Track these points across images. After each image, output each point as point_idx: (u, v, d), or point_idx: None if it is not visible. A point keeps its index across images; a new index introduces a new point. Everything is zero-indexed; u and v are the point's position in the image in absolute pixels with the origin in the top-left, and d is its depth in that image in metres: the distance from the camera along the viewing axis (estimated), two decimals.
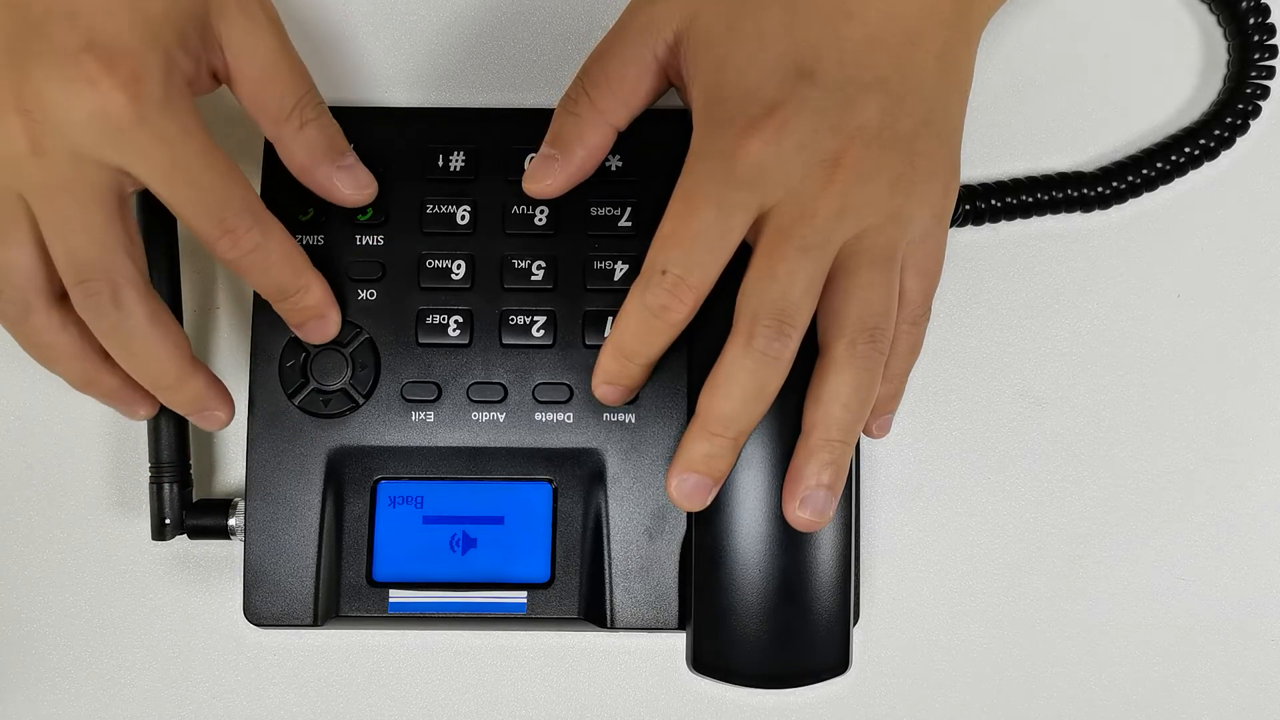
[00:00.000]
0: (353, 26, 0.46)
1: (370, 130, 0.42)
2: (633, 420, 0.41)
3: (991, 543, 0.44)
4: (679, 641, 0.41)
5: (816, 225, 0.35)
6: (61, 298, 0.37)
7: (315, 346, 0.41)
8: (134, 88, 0.34)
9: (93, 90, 0.34)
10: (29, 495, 0.44)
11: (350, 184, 0.39)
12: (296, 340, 0.41)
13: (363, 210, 0.41)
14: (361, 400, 0.41)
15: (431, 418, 0.41)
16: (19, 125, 0.34)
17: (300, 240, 0.41)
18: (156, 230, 0.42)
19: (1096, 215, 0.45)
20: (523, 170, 0.41)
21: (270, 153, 0.41)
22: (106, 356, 0.38)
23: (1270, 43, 0.44)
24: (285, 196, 0.41)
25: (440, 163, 0.42)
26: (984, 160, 0.45)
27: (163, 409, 0.41)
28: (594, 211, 0.42)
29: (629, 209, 0.42)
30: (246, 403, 0.41)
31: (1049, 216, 0.45)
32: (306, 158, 0.39)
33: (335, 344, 0.41)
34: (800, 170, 0.35)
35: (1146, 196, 0.45)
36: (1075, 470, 0.45)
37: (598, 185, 0.41)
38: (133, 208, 0.38)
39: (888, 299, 0.37)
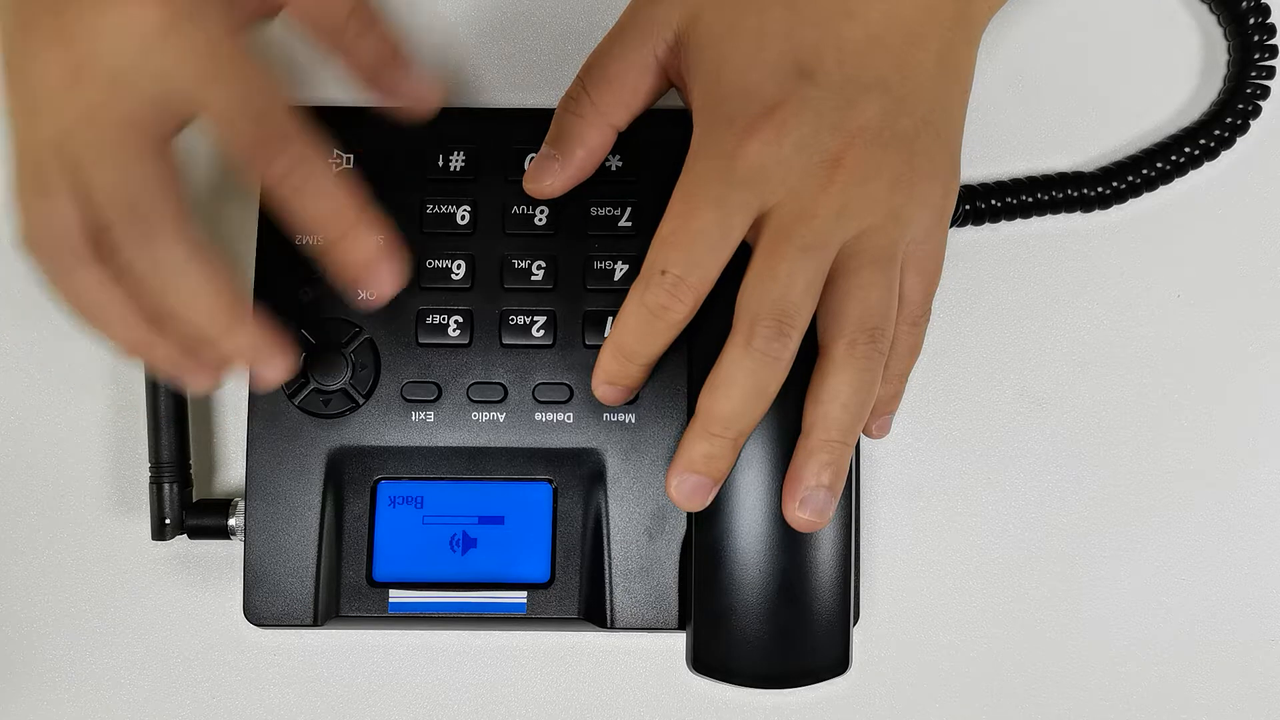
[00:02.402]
0: None
1: (371, 130, 0.42)
2: (633, 420, 0.41)
3: (991, 543, 0.44)
4: (679, 641, 0.41)
5: (816, 225, 0.35)
6: (106, 254, 0.34)
7: (314, 346, 0.41)
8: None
9: (124, 5, 0.33)
10: (29, 495, 0.44)
11: (410, 79, 0.39)
12: (296, 341, 0.41)
13: None
14: (361, 400, 0.41)
15: (431, 418, 0.41)
16: (59, 57, 0.33)
17: (301, 240, 0.41)
18: None
19: (1096, 215, 0.45)
20: (523, 170, 0.41)
21: None
22: (158, 321, 0.35)
23: (1270, 43, 0.44)
24: None
25: (440, 163, 0.42)
26: (984, 160, 0.45)
27: (166, 410, 0.41)
28: (594, 211, 0.42)
29: (629, 209, 0.42)
30: (246, 403, 0.41)
31: (1049, 216, 0.45)
32: (369, 61, 0.38)
33: (335, 344, 0.41)
34: (800, 170, 0.35)
35: (1146, 196, 0.45)
36: (1075, 470, 0.45)
37: (598, 185, 0.41)
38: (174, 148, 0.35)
39: (888, 299, 0.37)
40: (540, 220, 0.42)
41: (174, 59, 0.33)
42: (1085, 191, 0.44)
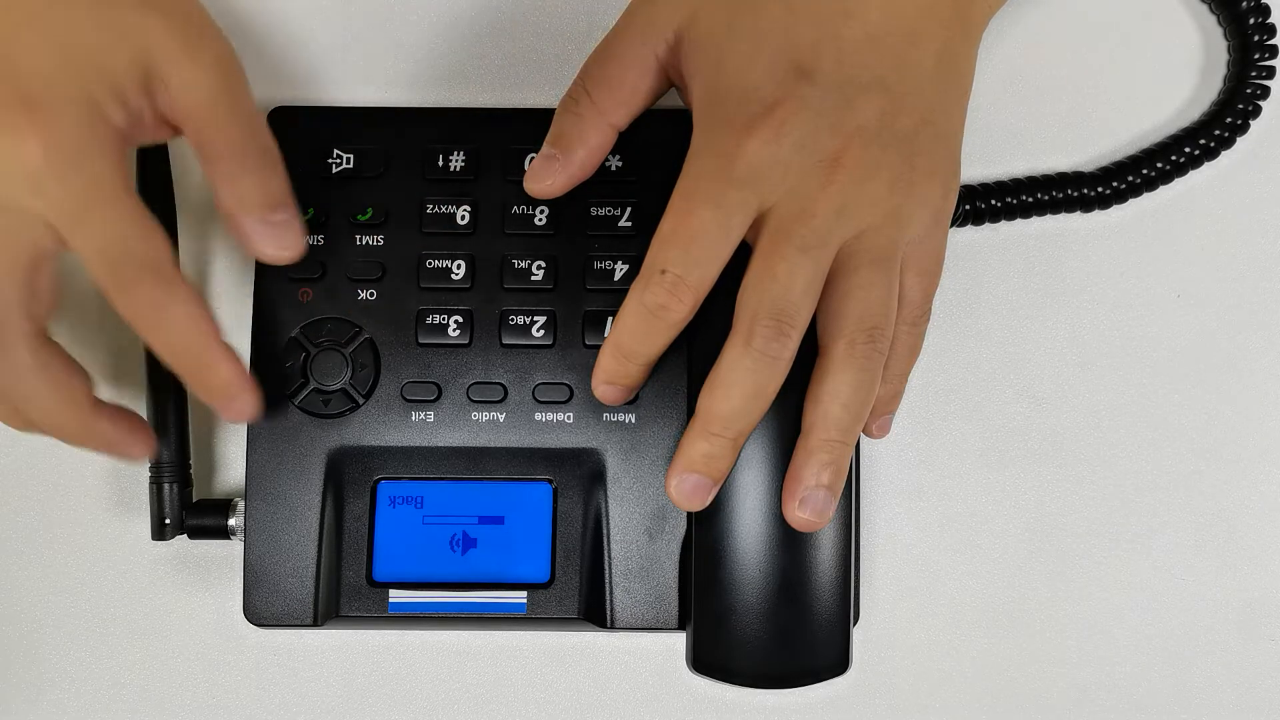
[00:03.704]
0: (354, 27, 0.46)
1: (370, 130, 0.42)
2: (633, 420, 0.41)
3: (991, 543, 0.44)
4: (679, 641, 0.41)
5: (816, 225, 0.35)
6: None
7: (315, 346, 0.41)
8: (49, 137, 0.34)
9: (13, 137, 0.34)
10: (29, 495, 0.44)
11: (269, 241, 0.37)
12: (296, 340, 0.41)
13: (363, 210, 0.41)
14: (361, 400, 0.41)
15: (431, 418, 0.41)
16: None
17: None
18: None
19: (1096, 215, 0.45)
20: (523, 170, 0.41)
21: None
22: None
23: (1270, 43, 0.44)
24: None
25: (440, 163, 0.42)
26: (984, 160, 0.45)
27: (166, 410, 0.41)
28: (594, 211, 0.42)
29: (629, 209, 0.42)
30: None
31: (1049, 216, 0.45)
32: (230, 204, 0.37)
33: (335, 344, 0.41)
34: (799, 170, 0.35)
35: (1146, 196, 0.45)
36: (1075, 470, 0.45)
37: (598, 185, 0.41)
38: (55, 263, 0.36)
39: (887, 299, 0.37)
40: (540, 220, 0.42)
41: (48, 200, 0.34)
42: (1085, 191, 0.44)
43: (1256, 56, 0.44)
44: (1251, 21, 0.44)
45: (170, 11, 0.36)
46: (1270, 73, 0.44)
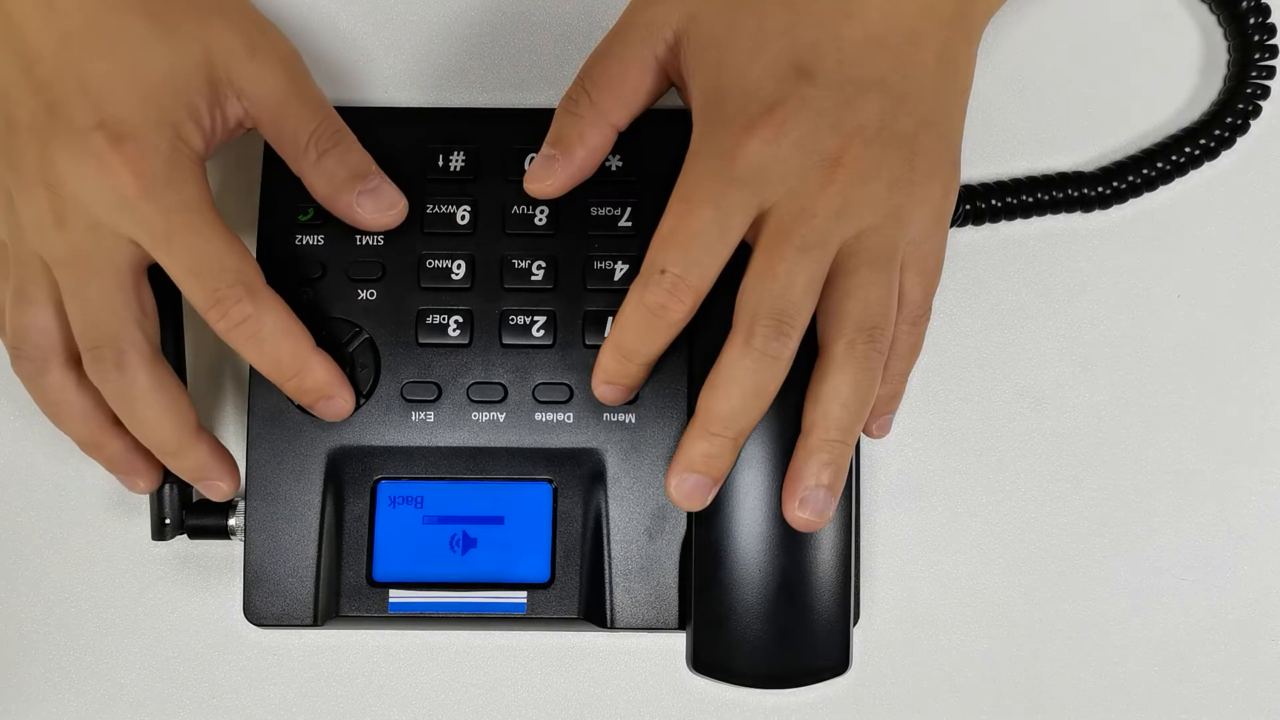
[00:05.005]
0: (353, 26, 0.46)
1: (370, 130, 0.42)
2: (633, 420, 0.41)
3: (991, 543, 0.44)
4: (679, 641, 0.41)
5: (816, 224, 0.35)
6: (77, 360, 0.38)
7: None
8: (139, 164, 0.36)
9: (102, 166, 0.36)
10: (29, 495, 0.44)
11: (371, 208, 0.39)
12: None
13: None
14: (361, 400, 0.41)
15: (431, 418, 0.41)
16: (44, 198, 0.36)
17: (300, 240, 0.41)
18: None
19: (1096, 215, 0.45)
20: (523, 170, 0.41)
21: (270, 151, 0.41)
22: (115, 422, 0.39)
23: (1270, 43, 0.44)
24: (284, 197, 0.41)
25: (440, 163, 0.42)
26: (984, 160, 0.45)
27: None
28: (594, 211, 0.42)
29: (629, 209, 0.42)
30: (247, 403, 0.41)
31: (1049, 216, 0.45)
32: (326, 189, 0.39)
33: (335, 344, 0.41)
34: (799, 169, 0.35)
35: (1146, 196, 0.45)
36: (1075, 470, 0.45)
37: (598, 185, 0.41)
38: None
39: (887, 298, 0.37)
40: (540, 220, 0.42)
41: (140, 223, 0.36)
42: (1085, 191, 0.44)
43: (1256, 56, 0.44)
44: (1251, 21, 0.44)
45: (229, 14, 0.38)
46: (1270, 73, 0.44)
